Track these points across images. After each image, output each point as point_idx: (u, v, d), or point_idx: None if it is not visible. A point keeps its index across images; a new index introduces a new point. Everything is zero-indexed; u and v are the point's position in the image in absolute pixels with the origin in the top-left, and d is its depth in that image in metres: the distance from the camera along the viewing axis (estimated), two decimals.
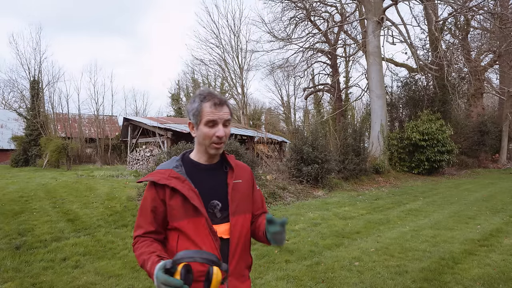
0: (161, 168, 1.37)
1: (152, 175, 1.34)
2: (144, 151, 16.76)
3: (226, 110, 1.34)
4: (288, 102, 38.07)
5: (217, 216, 1.33)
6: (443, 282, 3.63)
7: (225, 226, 1.33)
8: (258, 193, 1.54)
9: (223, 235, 1.32)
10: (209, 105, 1.31)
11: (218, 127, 1.31)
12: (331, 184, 11.09)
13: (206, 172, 1.38)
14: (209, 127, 1.31)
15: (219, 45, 28.46)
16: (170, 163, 1.38)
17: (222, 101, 1.33)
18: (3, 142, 28.66)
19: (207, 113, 1.30)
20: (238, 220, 1.36)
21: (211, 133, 1.31)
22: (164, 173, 1.33)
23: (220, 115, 1.31)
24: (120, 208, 7.10)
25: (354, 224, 6.30)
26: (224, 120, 1.33)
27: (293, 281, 3.68)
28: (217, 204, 1.33)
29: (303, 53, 21.86)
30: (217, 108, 1.31)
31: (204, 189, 1.33)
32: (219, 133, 1.31)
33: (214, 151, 1.35)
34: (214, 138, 1.31)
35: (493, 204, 8.44)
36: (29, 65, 23.35)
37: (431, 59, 18.12)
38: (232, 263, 1.32)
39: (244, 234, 1.38)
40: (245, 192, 1.44)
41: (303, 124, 27.65)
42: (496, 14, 17.51)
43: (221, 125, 1.32)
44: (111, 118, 35.05)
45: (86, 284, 3.61)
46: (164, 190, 1.31)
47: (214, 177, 1.39)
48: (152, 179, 1.32)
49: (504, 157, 22.77)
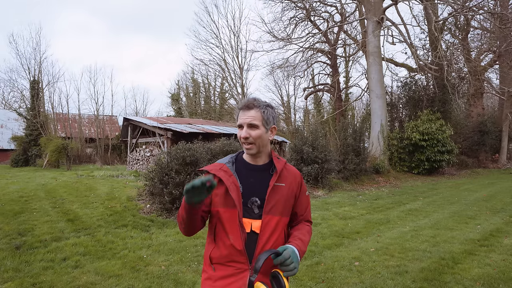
0: (219, 162, 1.58)
1: (208, 166, 1.57)
2: (144, 151, 16.75)
3: (251, 114, 1.49)
4: (288, 102, 38.05)
5: (254, 212, 1.47)
6: (443, 282, 3.63)
7: (259, 222, 1.46)
8: (305, 198, 1.65)
9: (256, 230, 1.46)
10: (240, 111, 1.53)
11: (243, 129, 1.49)
12: (331, 184, 11.08)
13: (253, 171, 1.54)
14: (240, 130, 1.52)
15: (219, 45, 28.49)
16: (226, 159, 1.59)
17: (248, 106, 1.51)
18: (3, 142, 28.66)
19: (238, 118, 1.53)
20: (272, 220, 1.47)
21: (239, 134, 1.51)
22: (217, 166, 1.53)
23: (244, 119, 1.50)
24: (120, 208, 7.10)
25: (354, 224, 6.29)
26: (248, 123, 1.48)
27: (293, 281, 3.68)
28: (256, 200, 1.48)
29: (303, 53, 21.87)
30: (242, 113, 1.51)
31: (247, 185, 1.49)
32: (242, 134, 1.49)
33: (245, 150, 1.53)
34: (241, 139, 1.50)
35: (493, 204, 8.44)
36: (29, 65, 23.39)
37: (431, 59, 18.12)
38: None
39: (276, 234, 1.48)
40: (286, 196, 1.53)
41: (303, 124, 27.66)
42: (496, 14, 17.51)
43: (246, 127, 1.49)
44: (111, 118, 35.05)
45: (86, 284, 3.61)
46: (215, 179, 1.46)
47: (259, 177, 1.53)
48: (207, 169, 1.54)
49: (504, 157, 22.77)
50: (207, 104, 33.47)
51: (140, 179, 10.79)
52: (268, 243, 1.44)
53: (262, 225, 1.44)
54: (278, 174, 1.52)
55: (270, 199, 1.46)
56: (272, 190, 1.48)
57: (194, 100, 35.22)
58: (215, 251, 1.48)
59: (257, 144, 1.49)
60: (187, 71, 39.32)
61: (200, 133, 14.57)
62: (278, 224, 1.48)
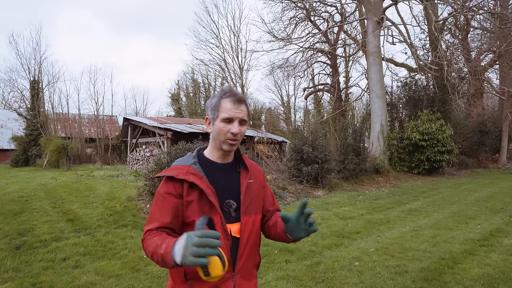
0: (178, 164, 1.37)
1: (169, 171, 1.34)
2: (144, 151, 16.75)
3: (243, 109, 1.36)
4: (288, 102, 38.08)
5: (231, 215, 1.35)
6: (443, 282, 3.63)
7: (238, 225, 1.35)
8: (269, 191, 1.55)
9: (236, 234, 1.34)
10: (228, 102, 1.33)
11: (234, 124, 1.33)
12: (331, 184, 11.09)
13: (220, 171, 1.39)
14: (225, 123, 1.33)
15: (219, 45, 28.52)
16: (187, 159, 1.39)
17: (241, 100, 1.35)
18: (3, 142, 28.66)
19: (225, 110, 1.33)
20: (249, 220, 1.37)
21: (226, 129, 1.32)
22: (182, 169, 1.33)
23: (237, 112, 1.33)
24: (120, 208, 7.10)
25: (354, 224, 6.30)
26: (240, 118, 1.34)
27: (293, 281, 3.68)
28: (233, 203, 1.35)
29: (303, 53, 21.88)
30: (234, 105, 1.33)
31: (219, 188, 1.33)
32: (234, 130, 1.32)
33: (227, 147, 1.35)
34: (228, 134, 1.33)
35: (493, 204, 8.44)
36: (29, 65, 23.37)
37: (431, 59, 18.14)
38: (240, 262, 1.34)
39: (254, 234, 1.40)
40: (257, 192, 1.44)
41: (303, 124, 27.67)
42: (496, 14, 17.53)
43: (237, 122, 1.33)
44: (111, 118, 35.05)
45: (86, 284, 3.61)
46: (182, 185, 1.30)
47: (228, 176, 1.40)
48: (170, 174, 1.31)
49: (504, 157, 22.78)
50: None
51: (140, 179, 10.80)
52: (247, 244, 1.36)
53: (241, 227, 1.34)
54: (248, 170, 1.42)
55: (245, 199, 1.36)
56: (246, 189, 1.37)
57: (194, 100, 35.23)
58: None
59: (239, 141, 1.37)
60: (187, 71, 39.41)
61: (200, 133, 14.57)
62: (254, 223, 1.39)
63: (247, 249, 1.36)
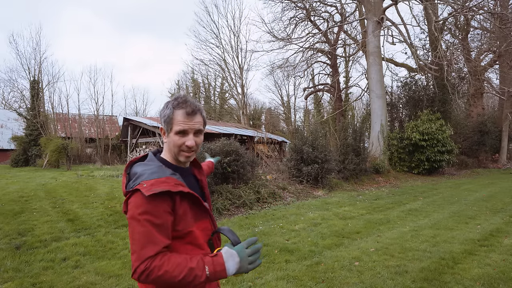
0: (158, 176, 1.24)
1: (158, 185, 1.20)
2: (144, 151, 16.76)
3: (198, 120, 1.32)
4: (288, 102, 38.10)
5: None
6: (443, 282, 3.63)
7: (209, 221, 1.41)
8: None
9: None
10: (181, 114, 1.28)
11: (188, 136, 1.30)
12: (331, 184, 11.08)
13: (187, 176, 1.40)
14: (179, 136, 1.29)
15: (219, 45, 28.52)
16: (161, 170, 1.28)
17: (194, 110, 1.30)
18: (3, 142, 28.66)
19: (178, 122, 1.28)
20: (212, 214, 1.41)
21: (181, 142, 1.29)
22: (169, 182, 1.23)
23: (191, 125, 1.29)
24: (120, 208, 7.09)
25: (354, 224, 6.29)
26: (195, 129, 1.31)
27: (293, 281, 3.68)
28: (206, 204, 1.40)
29: (303, 53, 21.89)
30: (188, 117, 1.29)
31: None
32: (189, 143, 1.29)
33: (183, 159, 1.33)
34: (183, 147, 1.30)
35: (493, 204, 8.44)
36: (29, 65, 23.35)
37: (431, 59, 18.13)
38: None
39: None
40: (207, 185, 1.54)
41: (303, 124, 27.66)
42: (496, 14, 17.53)
43: (192, 134, 1.30)
44: (111, 118, 35.04)
45: (86, 284, 3.61)
46: (173, 200, 1.22)
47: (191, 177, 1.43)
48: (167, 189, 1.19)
49: (504, 157, 22.77)
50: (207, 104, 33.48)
51: None
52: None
53: (212, 221, 1.39)
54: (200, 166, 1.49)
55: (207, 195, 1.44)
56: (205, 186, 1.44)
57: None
58: None
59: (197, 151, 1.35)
60: (187, 71, 39.42)
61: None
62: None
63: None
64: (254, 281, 3.65)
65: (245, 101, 29.01)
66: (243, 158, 8.50)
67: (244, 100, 28.16)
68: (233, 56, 27.91)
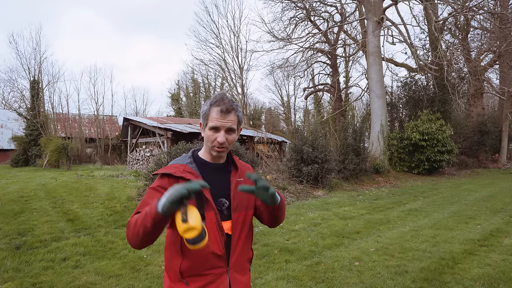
0: (175, 163, 1.42)
1: (167, 169, 1.38)
2: (144, 151, 16.75)
3: (231, 118, 1.38)
4: (288, 102, 38.09)
5: (224, 214, 1.39)
6: (443, 282, 3.63)
7: (229, 223, 1.40)
8: None
9: (228, 231, 1.39)
10: (216, 111, 1.36)
11: (220, 133, 1.37)
12: (331, 184, 11.08)
13: (214, 171, 1.44)
14: (212, 132, 1.37)
15: (219, 45, 28.50)
16: (183, 159, 1.44)
17: (229, 109, 1.37)
18: (3, 142, 28.67)
19: (212, 119, 1.37)
20: (240, 216, 1.41)
21: (213, 137, 1.37)
22: (179, 168, 1.38)
23: (224, 122, 1.36)
24: (120, 208, 7.10)
25: (354, 224, 6.29)
26: (227, 127, 1.37)
27: (293, 281, 3.68)
28: (225, 202, 1.40)
29: (303, 53, 21.88)
30: (222, 115, 1.36)
31: (212, 186, 1.35)
32: (220, 139, 1.36)
33: (215, 153, 1.40)
34: (215, 142, 1.37)
35: (493, 204, 8.44)
36: (29, 65, 23.38)
37: (431, 59, 18.13)
38: (234, 257, 1.39)
39: (245, 230, 1.44)
40: None
41: (303, 124, 27.64)
42: (496, 14, 17.53)
43: (223, 131, 1.37)
44: (111, 118, 35.06)
45: (86, 284, 3.61)
46: (177, 182, 1.30)
47: (221, 176, 1.45)
48: (168, 172, 1.36)
49: (504, 157, 22.78)
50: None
51: (140, 179, 10.80)
52: (239, 240, 1.40)
53: (232, 224, 1.38)
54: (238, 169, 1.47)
55: (235, 197, 1.41)
56: (235, 187, 1.41)
57: (194, 100, 35.26)
58: (185, 263, 1.32)
59: (229, 148, 1.42)
60: (187, 71, 39.39)
61: (200, 133, 14.59)
62: (245, 218, 1.43)
63: (239, 244, 1.41)
64: (254, 281, 3.65)
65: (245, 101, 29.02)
66: (243, 158, 8.51)
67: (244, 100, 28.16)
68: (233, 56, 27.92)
